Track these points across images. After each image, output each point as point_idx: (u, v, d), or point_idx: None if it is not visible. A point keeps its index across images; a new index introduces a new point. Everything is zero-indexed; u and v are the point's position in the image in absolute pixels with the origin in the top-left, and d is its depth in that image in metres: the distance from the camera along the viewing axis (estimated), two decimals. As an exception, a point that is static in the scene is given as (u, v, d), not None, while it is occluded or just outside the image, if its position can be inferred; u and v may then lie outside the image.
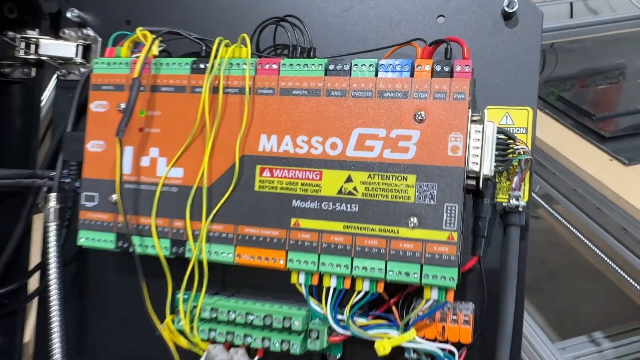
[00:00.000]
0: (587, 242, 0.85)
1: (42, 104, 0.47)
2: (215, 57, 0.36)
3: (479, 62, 0.36)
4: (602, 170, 0.75)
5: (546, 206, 0.93)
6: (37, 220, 0.45)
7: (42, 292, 0.44)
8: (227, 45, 0.37)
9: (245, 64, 0.36)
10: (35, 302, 0.46)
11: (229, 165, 0.36)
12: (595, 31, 1.32)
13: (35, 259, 0.45)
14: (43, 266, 0.44)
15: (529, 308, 0.98)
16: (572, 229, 0.88)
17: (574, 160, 0.79)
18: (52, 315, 0.40)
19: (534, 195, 0.93)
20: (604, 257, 0.85)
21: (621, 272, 0.80)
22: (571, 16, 1.87)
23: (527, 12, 0.35)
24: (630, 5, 1.64)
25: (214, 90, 0.36)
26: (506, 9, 0.35)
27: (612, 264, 0.83)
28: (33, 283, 0.46)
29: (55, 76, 0.45)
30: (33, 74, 0.46)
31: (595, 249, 0.85)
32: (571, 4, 1.88)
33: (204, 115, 0.36)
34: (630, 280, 0.78)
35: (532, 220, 1.28)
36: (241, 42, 0.37)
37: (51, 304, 0.40)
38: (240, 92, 0.36)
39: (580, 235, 0.86)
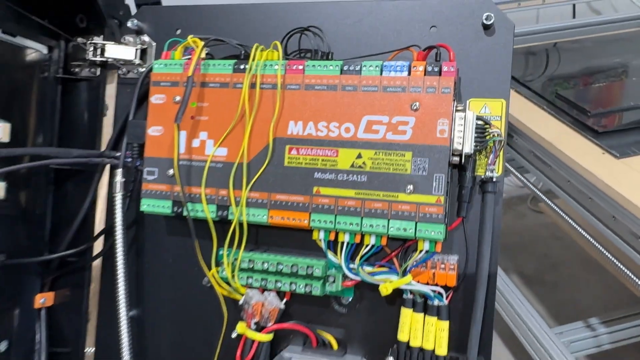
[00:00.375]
0: (580, 229, 0.91)
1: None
2: (253, 59, 0.46)
3: (463, 63, 0.45)
4: (594, 163, 0.80)
5: (545, 199, 0.99)
6: (102, 192, 0.55)
7: (107, 252, 0.53)
8: (262, 50, 0.46)
9: (277, 65, 0.45)
10: (99, 261, 0.55)
11: (264, 146, 0.45)
12: (597, 31, 1.37)
13: (99, 225, 0.55)
14: (107, 230, 0.54)
15: (530, 297, 1.04)
16: (568, 218, 0.94)
17: (569, 154, 0.83)
18: (117, 270, 0.49)
19: (535, 190, 1.00)
20: (594, 242, 0.92)
21: (609, 256, 0.86)
22: (574, 16, 1.93)
23: (501, 24, 0.44)
24: (632, 6, 1.70)
25: (252, 86, 0.46)
26: (485, 21, 0.44)
27: (602, 250, 0.89)
28: (97, 246, 0.55)
29: (116, 75, 0.55)
30: (98, 72, 0.55)
31: (587, 235, 0.92)
32: (574, 5, 1.94)
33: (244, 106, 0.45)
34: (618, 264, 0.84)
35: (535, 215, 1.38)
36: (273, 48, 0.46)
37: (117, 260, 0.49)
38: (273, 87, 0.45)
39: (573, 224, 0.92)
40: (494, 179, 0.43)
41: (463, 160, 0.43)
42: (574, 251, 1.43)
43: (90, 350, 0.55)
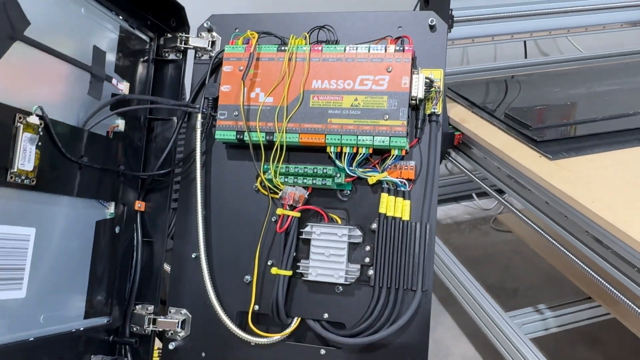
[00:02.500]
0: (525, 218, 1.11)
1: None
2: (290, 43, 0.75)
3: (418, 47, 0.74)
4: (533, 164, 1.01)
5: (494, 194, 1.21)
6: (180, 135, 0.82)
7: (184, 174, 0.80)
8: (295, 38, 0.75)
9: (305, 47, 0.74)
10: (178, 179, 0.82)
11: (296, 95, 0.73)
12: (544, 67, 1.68)
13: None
14: (184, 159, 0.80)
15: (492, 302, 1.20)
16: (519, 213, 1.14)
17: (514, 157, 1.05)
18: (196, 182, 0.76)
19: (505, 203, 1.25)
20: (533, 225, 1.11)
21: (545, 235, 1.04)
22: (525, 56, 2.34)
23: (440, 25, 0.74)
24: (574, 49, 2.09)
25: (289, 59, 0.74)
26: (430, 23, 0.74)
27: (540, 230, 1.06)
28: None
29: (193, 58, 0.83)
30: (180, 56, 0.84)
31: (527, 220, 1.09)
32: (525, 45, 2.34)
33: (285, 71, 0.74)
34: (552, 241, 1.02)
35: (497, 233, 1.72)
36: (302, 37, 0.75)
37: (196, 176, 0.76)
38: (302, 60, 0.74)
39: (521, 215, 1.12)
40: (436, 113, 0.72)
41: (418, 104, 0.72)
42: (532, 262, 1.66)
43: (170, 242, 0.81)
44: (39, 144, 0.59)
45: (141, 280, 0.79)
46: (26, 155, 0.58)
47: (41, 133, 0.60)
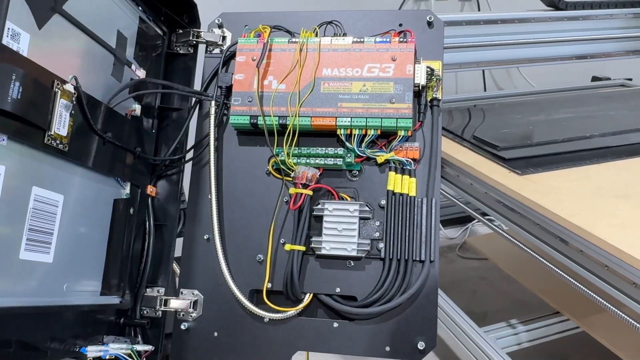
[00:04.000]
0: (502, 232, 1.18)
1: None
2: (302, 35, 0.80)
3: (418, 41, 0.81)
4: (503, 178, 1.11)
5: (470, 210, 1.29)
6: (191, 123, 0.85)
7: (195, 159, 0.83)
8: (306, 31, 0.81)
9: (316, 38, 0.80)
10: (189, 165, 0.84)
11: (307, 82, 0.78)
12: (502, 98, 1.85)
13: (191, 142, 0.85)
14: (196, 145, 0.83)
15: (467, 318, 1.27)
16: (497, 228, 1.22)
17: (485, 173, 1.14)
18: (210, 166, 0.79)
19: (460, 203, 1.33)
20: (508, 236, 1.19)
21: (518, 243, 1.11)
22: (485, 90, 2.53)
23: (437, 22, 0.82)
24: (527, 84, 2.28)
25: (300, 50, 0.80)
26: (428, 20, 0.82)
27: (516, 241, 1.13)
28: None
29: (204, 52, 0.88)
30: (191, 50, 0.88)
31: (503, 233, 1.18)
32: (484, 78, 2.53)
33: (297, 60, 0.79)
34: (528, 250, 1.08)
35: (463, 260, 1.83)
36: (312, 31, 0.81)
37: (210, 159, 0.79)
38: (313, 50, 0.79)
39: (497, 229, 1.21)
40: (437, 98, 0.79)
41: (420, 90, 0.78)
42: (498, 287, 1.76)
43: (181, 225, 0.83)
44: (72, 112, 0.62)
45: (153, 264, 0.80)
46: (62, 121, 0.60)
47: (74, 102, 0.62)
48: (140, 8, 0.80)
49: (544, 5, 1.81)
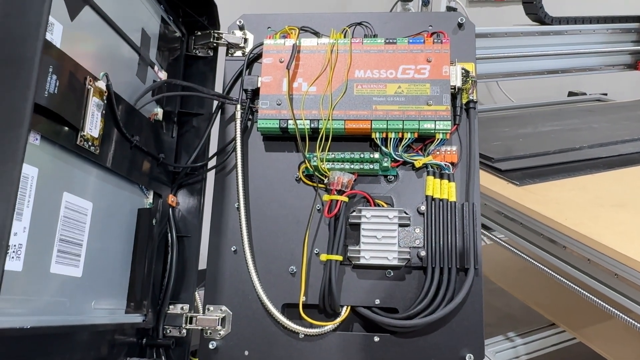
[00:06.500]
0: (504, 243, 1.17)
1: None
2: (332, 37, 0.77)
3: (451, 44, 0.79)
4: (503, 189, 1.11)
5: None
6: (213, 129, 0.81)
7: (218, 167, 0.78)
8: (335, 32, 0.78)
9: (347, 39, 0.77)
10: (212, 174, 0.79)
11: (339, 84, 0.75)
12: (483, 113, 1.84)
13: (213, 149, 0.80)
14: (219, 152, 0.79)
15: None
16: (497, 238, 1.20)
17: (484, 184, 1.14)
18: (232, 175, 0.75)
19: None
20: (506, 245, 1.20)
21: (522, 254, 1.09)
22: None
23: (468, 24, 0.80)
24: (507, 99, 2.31)
25: (331, 51, 0.77)
26: (459, 21, 0.80)
27: (520, 253, 1.15)
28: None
29: (225, 55, 0.83)
30: (211, 53, 0.84)
31: (501, 242, 1.17)
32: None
33: (328, 62, 0.76)
34: (532, 260, 1.06)
35: None
36: (342, 32, 0.78)
37: (238, 166, 0.75)
38: (344, 52, 0.76)
39: (499, 240, 1.18)
40: (474, 100, 0.76)
41: (455, 93, 0.76)
42: (487, 302, 1.75)
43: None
44: (103, 112, 0.57)
45: (175, 279, 0.75)
46: (93, 121, 0.55)
47: (105, 102, 0.57)
48: (162, 7, 0.75)
49: (530, 20, 1.84)
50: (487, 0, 2.50)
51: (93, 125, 0.55)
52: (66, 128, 0.51)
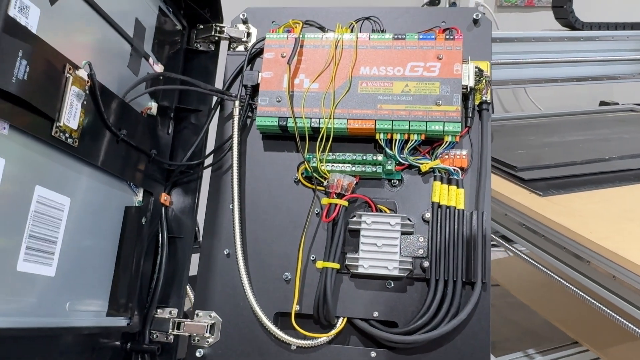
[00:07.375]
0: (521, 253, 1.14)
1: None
2: (337, 31, 0.73)
3: (465, 40, 0.74)
4: (525, 200, 1.06)
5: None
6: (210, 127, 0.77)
7: (214, 165, 0.75)
8: (341, 27, 0.74)
9: (353, 34, 0.72)
10: (208, 172, 0.76)
11: (343, 81, 0.71)
12: (508, 120, 1.78)
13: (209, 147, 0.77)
14: (215, 150, 0.75)
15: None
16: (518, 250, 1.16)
17: (505, 194, 1.11)
18: (227, 175, 0.71)
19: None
20: (527, 258, 1.14)
21: (542, 267, 1.05)
22: (493, 112, 2.48)
23: (484, 20, 0.75)
24: (533, 106, 2.23)
25: (335, 47, 0.72)
26: (475, 17, 0.75)
27: (542, 267, 1.10)
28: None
29: (227, 49, 0.80)
30: (212, 47, 0.80)
31: (528, 258, 1.11)
32: (491, 99, 2.48)
33: (332, 57, 0.72)
34: (555, 276, 1.02)
35: None
36: (349, 27, 0.74)
37: (233, 166, 0.71)
38: (349, 47, 0.72)
39: (522, 254, 1.14)
40: (487, 101, 0.71)
41: (468, 93, 0.71)
42: (506, 316, 1.67)
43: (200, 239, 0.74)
44: (84, 102, 0.54)
45: (165, 282, 0.71)
46: (72, 111, 0.52)
47: (87, 92, 0.54)
48: (160, -3, 0.72)
49: (560, 25, 1.77)
50: (516, 5, 2.42)
51: (71, 115, 0.52)
52: (40, 118, 0.48)
